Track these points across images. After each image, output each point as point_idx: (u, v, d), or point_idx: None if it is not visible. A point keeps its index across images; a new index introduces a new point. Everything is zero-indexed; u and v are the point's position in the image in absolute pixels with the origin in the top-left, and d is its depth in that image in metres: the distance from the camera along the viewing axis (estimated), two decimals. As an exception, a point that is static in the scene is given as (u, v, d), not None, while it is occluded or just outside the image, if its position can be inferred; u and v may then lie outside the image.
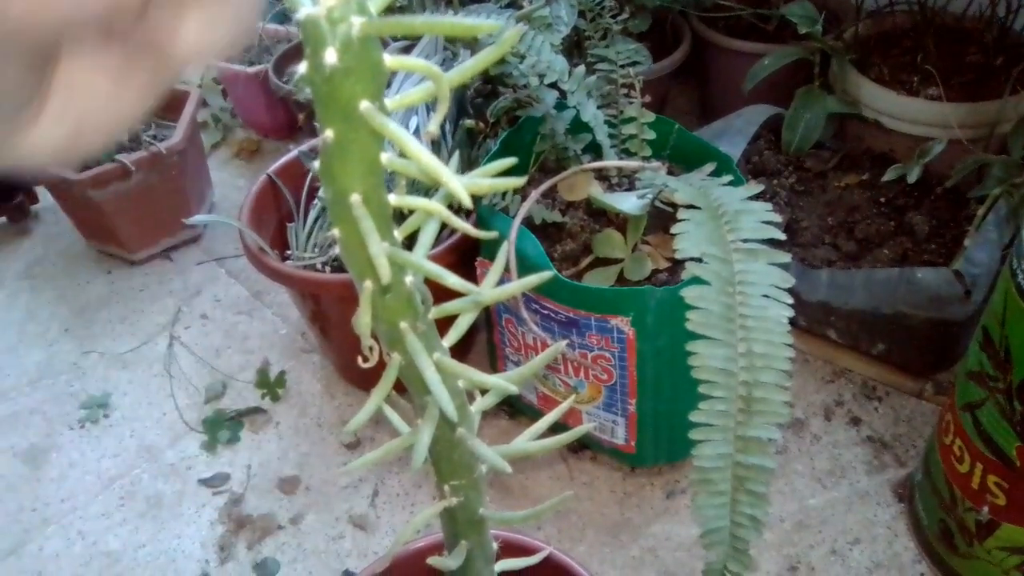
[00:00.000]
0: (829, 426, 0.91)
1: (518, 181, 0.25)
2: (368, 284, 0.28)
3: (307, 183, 0.98)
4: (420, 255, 0.29)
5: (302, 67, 0.24)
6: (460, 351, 0.98)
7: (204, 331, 1.11)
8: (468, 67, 0.22)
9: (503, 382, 0.32)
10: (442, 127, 0.92)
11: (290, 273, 0.87)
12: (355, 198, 0.26)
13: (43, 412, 1.02)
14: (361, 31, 0.22)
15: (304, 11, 0.22)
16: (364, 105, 0.23)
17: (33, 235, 1.30)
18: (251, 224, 0.91)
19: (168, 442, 0.97)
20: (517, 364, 0.86)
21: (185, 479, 0.93)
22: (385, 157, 0.25)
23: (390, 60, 0.24)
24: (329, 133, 0.25)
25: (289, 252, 0.96)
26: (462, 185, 0.23)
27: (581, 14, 0.86)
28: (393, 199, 0.27)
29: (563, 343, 0.44)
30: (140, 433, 0.99)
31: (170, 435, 0.98)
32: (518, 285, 0.30)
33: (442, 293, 0.30)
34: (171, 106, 1.20)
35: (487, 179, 0.24)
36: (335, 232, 0.28)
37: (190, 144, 1.18)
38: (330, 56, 0.22)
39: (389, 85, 0.83)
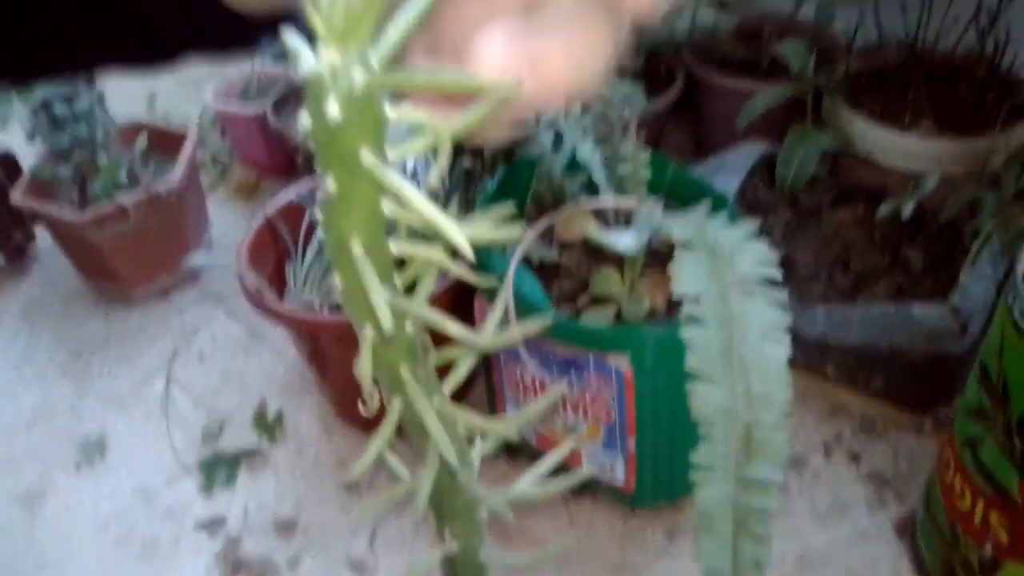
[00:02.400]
0: (829, 463, 0.90)
1: (517, 232, 0.25)
2: (369, 331, 0.29)
3: (305, 222, 0.99)
4: (420, 302, 0.29)
5: (304, 118, 0.24)
6: (459, 391, 0.97)
7: (202, 371, 1.11)
8: (468, 120, 0.23)
9: (504, 428, 0.32)
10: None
11: (289, 315, 0.87)
12: (357, 247, 0.26)
13: (39, 455, 1.01)
14: (364, 86, 0.23)
15: (307, 65, 0.23)
16: (367, 157, 0.24)
17: (31, 275, 1.30)
18: (249, 265, 0.91)
19: (164, 484, 0.96)
20: (516, 404, 0.85)
21: (182, 522, 0.92)
22: (387, 207, 0.26)
23: (393, 113, 0.24)
24: (331, 183, 0.25)
25: (287, 290, 0.96)
26: (463, 235, 0.23)
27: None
28: (394, 247, 0.27)
29: (563, 385, 0.44)
30: (137, 475, 0.98)
31: (166, 477, 0.97)
32: (518, 332, 0.30)
33: (441, 335, 0.30)
34: (169, 146, 1.21)
35: (487, 229, 0.25)
36: (336, 279, 0.28)
37: (189, 184, 1.19)
38: (332, 109, 0.23)
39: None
